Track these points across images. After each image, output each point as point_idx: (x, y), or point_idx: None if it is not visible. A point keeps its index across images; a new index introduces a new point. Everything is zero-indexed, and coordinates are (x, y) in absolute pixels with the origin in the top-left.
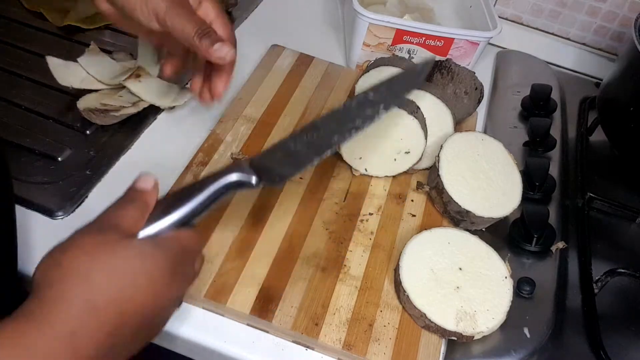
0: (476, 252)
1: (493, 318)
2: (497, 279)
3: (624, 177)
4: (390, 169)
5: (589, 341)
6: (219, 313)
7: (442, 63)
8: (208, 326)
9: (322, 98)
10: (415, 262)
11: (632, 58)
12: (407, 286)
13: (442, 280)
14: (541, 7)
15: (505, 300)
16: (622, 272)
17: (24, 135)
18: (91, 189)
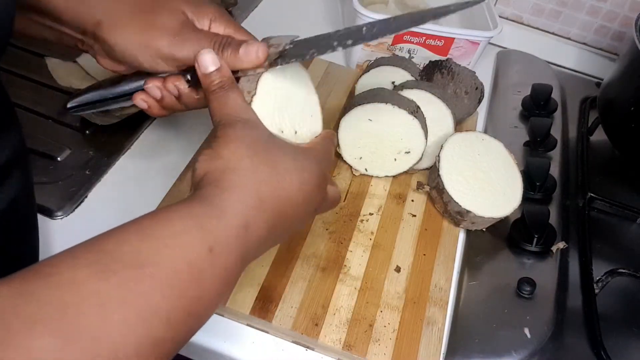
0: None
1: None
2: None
3: (624, 177)
4: (390, 169)
5: (590, 341)
6: (219, 313)
7: (442, 63)
8: (208, 326)
9: (322, 98)
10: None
11: (633, 58)
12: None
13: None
14: (542, 6)
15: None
16: (622, 272)
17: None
18: (91, 189)
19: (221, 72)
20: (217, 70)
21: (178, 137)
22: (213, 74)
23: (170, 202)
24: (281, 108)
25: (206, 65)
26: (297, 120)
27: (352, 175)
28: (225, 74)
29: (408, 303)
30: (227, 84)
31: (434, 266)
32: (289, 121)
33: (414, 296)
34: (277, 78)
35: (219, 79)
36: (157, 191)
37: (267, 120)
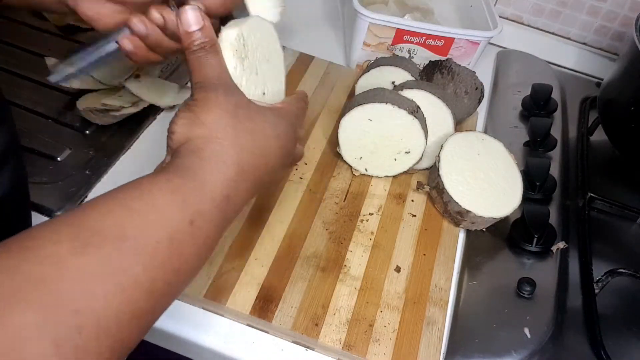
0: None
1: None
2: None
3: (624, 177)
4: (390, 168)
5: (590, 341)
6: (219, 313)
7: (442, 63)
8: (208, 326)
9: (322, 98)
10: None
11: (633, 58)
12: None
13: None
14: (542, 6)
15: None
16: (622, 272)
17: (23, 135)
18: (91, 189)
19: (204, 31)
20: (199, 30)
21: None
22: (195, 32)
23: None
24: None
25: (189, 22)
26: (266, 78)
27: (352, 175)
28: (208, 34)
29: (408, 303)
30: (209, 44)
31: (434, 266)
32: (257, 82)
33: (414, 296)
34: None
35: (201, 38)
36: None
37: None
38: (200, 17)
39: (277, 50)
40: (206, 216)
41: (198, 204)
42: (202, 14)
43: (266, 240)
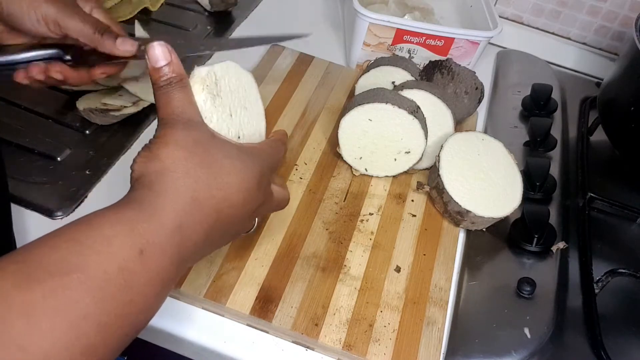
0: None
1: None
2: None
3: (624, 177)
4: (390, 168)
5: (590, 341)
6: (219, 313)
7: (442, 63)
8: (208, 326)
9: (322, 98)
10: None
11: (633, 58)
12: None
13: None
14: (542, 6)
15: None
16: (622, 272)
17: (23, 135)
18: (91, 189)
19: (171, 66)
20: (167, 65)
21: None
22: (163, 68)
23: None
24: (226, 109)
25: (156, 58)
26: (242, 123)
27: (352, 175)
28: (175, 69)
29: (408, 303)
30: (176, 80)
31: (434, 266)
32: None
33: (414, 296)
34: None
35: (168, 74)
36: None
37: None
38: (168, 52)
39: (256, 100)
40: (157, 246)
41: (147, 233)
42: (170, 49)
43: (266, 240)
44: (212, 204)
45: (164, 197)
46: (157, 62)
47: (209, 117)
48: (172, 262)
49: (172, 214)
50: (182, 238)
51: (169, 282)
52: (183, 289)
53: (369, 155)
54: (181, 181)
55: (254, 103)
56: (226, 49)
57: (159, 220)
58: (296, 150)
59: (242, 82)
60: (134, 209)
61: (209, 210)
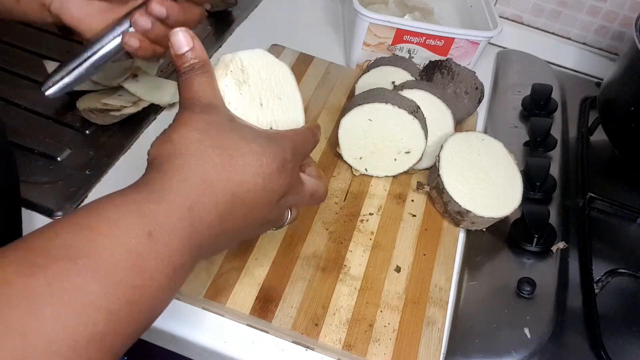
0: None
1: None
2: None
3: (624, 177)
4: (390, 168)
5: (590, 341)
6: (219, 313)
7: (442, 63)
8: (208, 326)
9: (322, 97)
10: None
11: (633, 58)
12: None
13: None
14: (542, 6)
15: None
16: (622, 272)
17: (23, 135)
18: (91, 189)
19: (194, 52)
20: (190, 51)
21: None
22: (186, 54)
23: None
24: (256, 97)
25: (179, 45)
26: (275, 113)
27: (352, 175)
28: (198, 54)
29: (408, 303)
30: (198, 65)
31: (434, 266)
32: (263, 114)
33: (414, 296)
34: (245, 65)
35: (191, 60)
36: None
37: (240, 109)
38: (190, 37)
39: (293, 92)
40: (166, 227)
41: (156, 214)
42: (192, 35)
43: (266, 240)
44: (226, 186)
45: (173, 178)
46: (181, 49)
47: (233, 104)
48: (183, 245)
49: (181, 195)
50: (193, 220)
51: (182, 268)
52: (183, 289)
53: (369, 155)
54: (192, 162)
55: (291, 94)
56: None
57: (168, 201)
58: None
59: (276, 72)
60: (142, 191)
61: (223, 192)
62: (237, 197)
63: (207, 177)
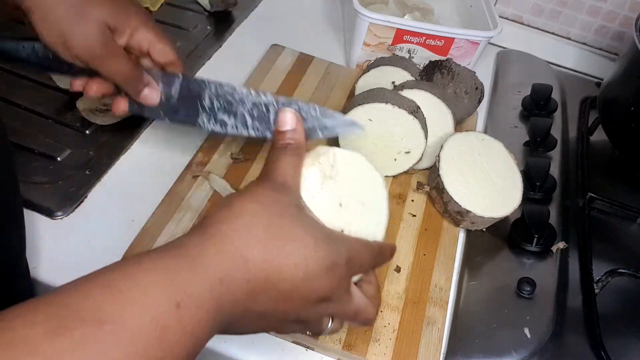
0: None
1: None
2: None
3: (624, 177)
4: (390, 168)
5: (590, 341)
6: None
7: (442, 63)
8: None
9: (322, 98)
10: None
11: (633, 58)
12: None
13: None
14: (542, 6)
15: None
16: (622, 272)
17: (23, 135)
18: (91, 189)
19: (294, 133)
20: (291, 131)
21: (178, 138)
22: (287, 132)
23: (169, 203)
24: (337, 196)
25: (285, 122)
26: (352, 218)
27: None
28: (296, 137)
29: (408, 303)
30: (293, 147)
31: (434, 266)
32: (339, 214)
33: (414, 296)
34: (338, 161)
35: (288, 139)
36: (157, 191)
37: (316, 201)
38: (296, 120)
39: (381, 206)
40: (195, 298)
41: (187, 284)
42: (299, 118)
43: None
44: (262, 267)
45: (212, 246)
46: (284, 126)
47: (310, 193)
48: (208, 318)
49: (215, 265)
50: (222, 293)
51: (201, 340)
52: None
53: (369, 155)
54: (236, 232)
55: (376, 206)
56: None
57: (201, 269)
58: None
59: (368, 179)
60: (177, 256)
61: (257, 272)
62: (270, 281)
63: (245, 252)
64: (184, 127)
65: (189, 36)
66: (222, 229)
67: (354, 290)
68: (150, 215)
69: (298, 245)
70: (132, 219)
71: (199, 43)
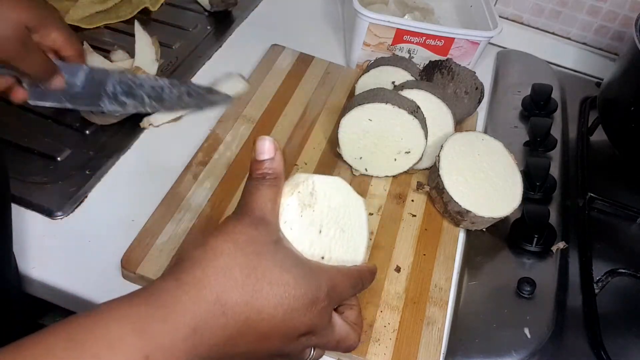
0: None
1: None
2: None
3: (624, 177)
4: (390, 169)
5: (590, 341)
6: None
7: (442, 63)
8: None
9: (322, 98)
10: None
11: (633, 58)
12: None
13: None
14: (542, 6)
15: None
16: (622, 272)
17: (23, 135)
18: (91, 189)
19: (272, 163)
20: (269, 160)
21: (178, 138)
22: (265, 162)
23: (169, 203)
24: (316, 223)
25: (262, 151)
26: (332, 244)
27: (352, 175)
28: (275, 166)
29: (408, 303)
30: (271, 177)
31: (434, 266)
32: (318, 242)
33: (414, 296)
34: (317, 189)
35: (265, 169)
36: (157, 191)
37: (295, 231)
38: (274, 149)
39: (360, 229)
40: (167, 350)
41: (159, 335)
42: (277, 146)
43: None
44: (241, 310)
45: (186, 293)
46: (261, 155)
47: (289, 224)
48: None
49: (189, 314)
50: (195, 342)
51: None
52: None
53: (369, 155)
54: (212, 277)
55: (356, 231)
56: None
57: (174, 318)
58: (296, 150)
59: (349, 204)
60: (149, 302)
61: (235, 316)
62: (249, 323)
63: (222, 296)
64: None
65: (189, 36)
66: (196, 275)
67: (336, 319)
68: (150, 215)
69: (277, 285)
70: (132, 219)
71: (199, 43)
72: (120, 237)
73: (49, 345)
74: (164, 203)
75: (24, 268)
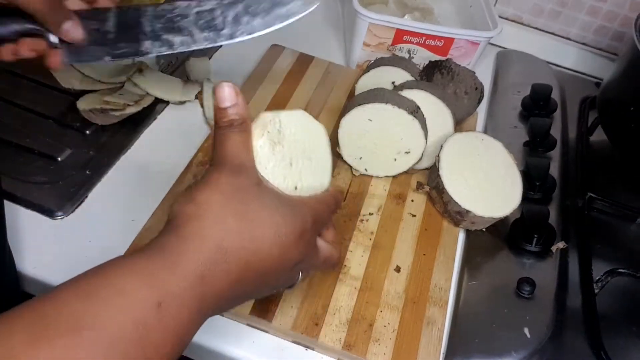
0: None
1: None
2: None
3: (624, 177)
4: (390, 168)
5: (590, 341)
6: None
7: (442, 63)
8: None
9: (322, 98)
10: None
11: (633, 58)
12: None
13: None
14: (541, 6)
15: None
16: (622, 272)
17: (23, 135)
18: (91, 189)
19: (236, 108)
20: (232, 106)
21: (178, 137)
22: (228, 109)
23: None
24: (286, 157)
25: (223, 99)
26: (303, 173)
27: (352, 175)
28: (239, 111)
29: (408, 303)
30: (237, 123)
31: (434, 266)
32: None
33: (414, 296)
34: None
35: (231, 116)
36: (157, 191)
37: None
38: (235, 94)
39: (325, 154)
40: (176, 297)
41: (167, 284)
42: (237, 91)
43: None
44: (241, 255)
45: (189, 243)
46: (223, 102)
47: (264, 163)
48: (191, 313)
49: (195, 262)
50: (204, 289)
51: (185, 337)
52: None
53: (369, 155)
54: (209, 228)
55: (321, 156)
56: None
57: (181, 268)
58: None
59: (311, 133)
60: (155, 257)
61: (237, 261)
62: (250, 265)
63: (223, 244)
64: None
65: None
66: (194, 228)
67: (319, 243)
68: (150, 215)
69: (269, 227)
70: (132, 219)
71: None
72: (120, 237)
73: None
74: (164, 203)
75: (24, 268)
